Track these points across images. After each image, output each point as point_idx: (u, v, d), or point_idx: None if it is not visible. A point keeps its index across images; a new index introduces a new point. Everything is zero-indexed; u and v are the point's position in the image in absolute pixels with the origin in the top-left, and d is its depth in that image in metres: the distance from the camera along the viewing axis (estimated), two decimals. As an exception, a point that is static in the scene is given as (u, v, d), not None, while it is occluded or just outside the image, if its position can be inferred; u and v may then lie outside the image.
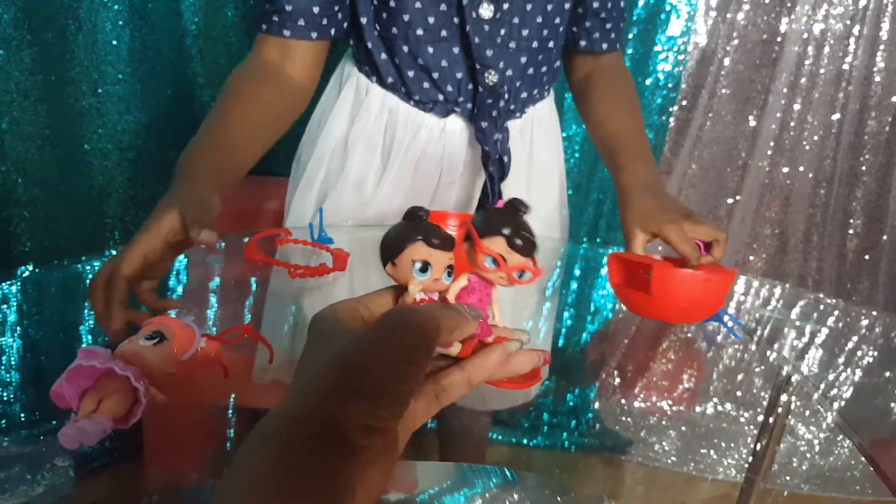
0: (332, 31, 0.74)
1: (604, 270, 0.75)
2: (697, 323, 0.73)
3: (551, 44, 0.81)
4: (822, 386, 0.67)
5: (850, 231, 1.63)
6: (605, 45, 0.84)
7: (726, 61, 1.49)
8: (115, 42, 1.15)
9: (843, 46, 1.51)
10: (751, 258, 1.67)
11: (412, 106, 0.80)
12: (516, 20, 0.75)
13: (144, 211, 1.24)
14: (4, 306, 0.60)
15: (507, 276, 0.31)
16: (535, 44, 0.78)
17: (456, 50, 0.76)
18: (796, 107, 1.54)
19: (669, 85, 1.41)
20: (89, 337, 0.66)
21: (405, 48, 0.76)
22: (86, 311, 0.60)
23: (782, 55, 1.50)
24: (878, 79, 1.52)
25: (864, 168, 1.58)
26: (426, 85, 0.78)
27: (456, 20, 0.74)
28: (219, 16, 1.20)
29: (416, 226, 0.30)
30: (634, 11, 1.35)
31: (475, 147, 0.80)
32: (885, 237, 1.61)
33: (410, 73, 0.77)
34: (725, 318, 0.69)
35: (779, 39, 1.50)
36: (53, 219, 1.18)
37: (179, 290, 0.69)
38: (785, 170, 1.59)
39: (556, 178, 0.92)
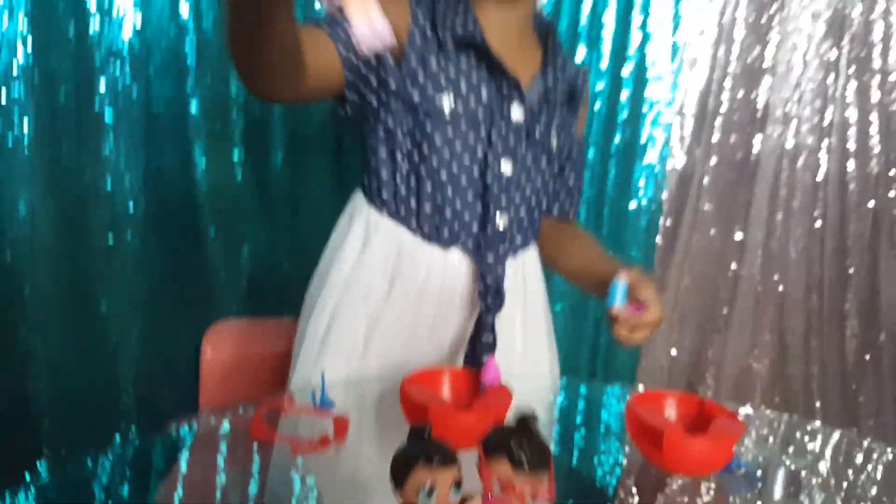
0: (350, 78, 0.80)
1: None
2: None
3: (543, 203, 0.94)
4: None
5: (848, 332, 1.65)
6: (570, 215, 1.01)
7: (706, 180, 1.57)
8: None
9: (816, 158, 1.59)
10: (754, 365, 1.69)
11: (419, 237, 0.87)
12: (524, 180, 0.88)
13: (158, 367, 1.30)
14: None
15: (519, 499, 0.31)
16: (533, 201, 0.91)
17: (470, 196, 0.85)
18: (779, 217, 1.61)
19: (653, 207, 1.48)
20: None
21: (428, 188, 0.84)
22: None
23: (759, 170, 1.58)
24: (852, 186, 1.59)
25: (851, 271, 1.62)
26: (437, 220, 0.86)
27: (476, 172, 0.84)
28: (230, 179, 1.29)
29: (418, 446, 0.32)
30: (612, 143, 1.45)
31: (473, 280, 0.87)
32: (882, 336, 1.63)
33: (427, 209, 0.85)
34: (739, 469, 0.72)
35: (754, 154, 1.59)
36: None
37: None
38: (775, 277, 1.64)
39: (543, 315, 0.99)
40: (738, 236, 1.61)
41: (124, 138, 1.19)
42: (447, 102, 0.82)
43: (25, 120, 1.14)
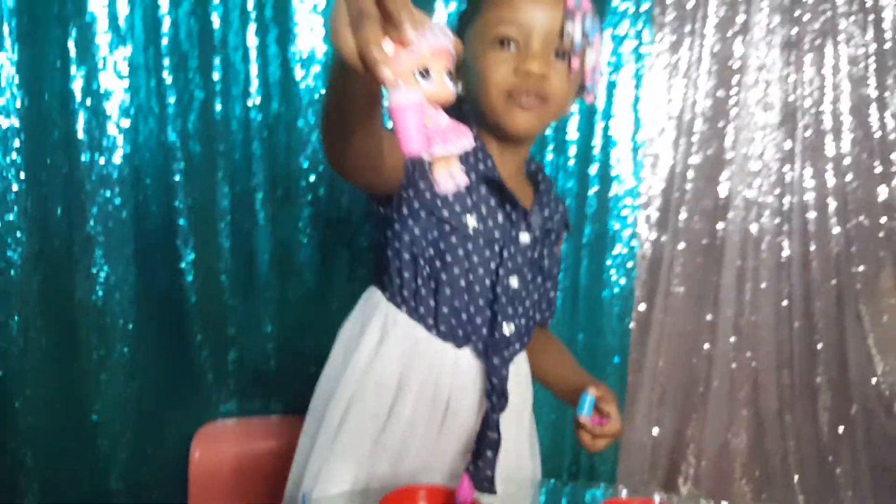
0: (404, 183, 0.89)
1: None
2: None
3: (536, 315, 1.04)
4: None
5: (820, 406, 1.70)
6: (546, 321, 1.10)
7: (675, 265, 1.64)
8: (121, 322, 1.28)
9: (778, 241, 1.67)
10: (732, 441, 1.73)
11: (434, 335, 0.93)
12: (524, 294, 0.98)
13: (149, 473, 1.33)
14: None
15: None
16: (530, 312, 1.00)
17: (482, 302, 0.94)
18: (747, 297, 1.67)
19: (625, 294, 1.55)
20: None
21: (447, 292, 0.92)
22: None
23: (724, 253, 1.65)
24: (815, 264, 1.67)
25: (819, 346, 1.68)
26: (453, 322, 0.93)
27: (489, 282, 0.94)
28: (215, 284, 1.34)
29: None
30: (583, 236, 1.52)
31: (481, 379, 0.94)
32: (854, 408, 1.69)
33: (444, 310, 0.93)
34: None
35: (718, 238, 1.66)
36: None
37: None
38: (748, 354, 1.70)
39: (528, 416, 1.06)
40: (709, 317, 1.67)
41: (115, 255, 1.24)
42: (472, 221, 0.92)
43: (19, 240, 1.19)
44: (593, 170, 1.48)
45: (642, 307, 1.64)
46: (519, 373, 0.99)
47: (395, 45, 0.49)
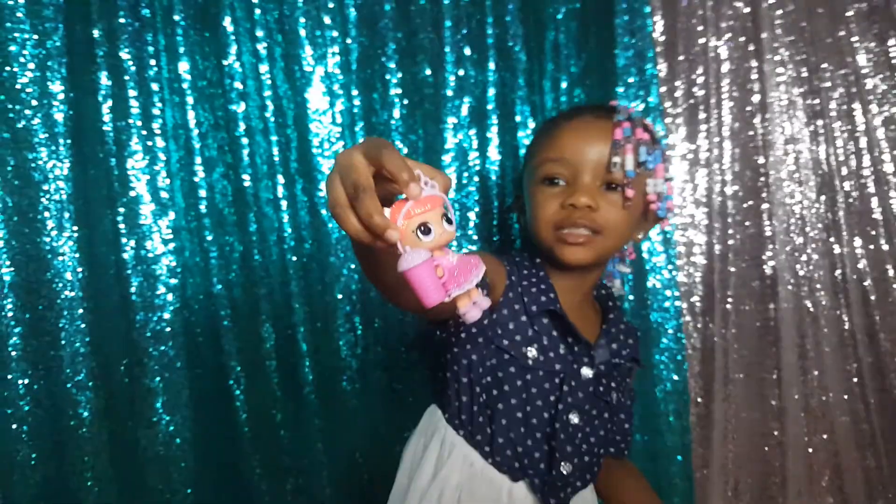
0: None
1: None
2: None
3: (603, 451, 1.01)
4: None
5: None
6: (625, 454, 1.09)
7: (730, 352, 1.58)
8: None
9: (837, 314, 1.59)
10: (823, 532, 1.61)
11: (490, 464, 0.92)
12: (589, 429, 0.95)
13: None
14: None
15: None
16: (596, 448, 0.97)
17: (539, 436, 0.92)
18: (812, 376, 1.59)
19: (679, 389, 1.50)
20: None
21: (503, 422, 0.91)
22: None
23: (781, 334, 1.59)
24: (882, 335, 1.58)
25: (903, 423, 1.57)
26: (508, 453, 0.92)
27: (546, 416, 0.91)
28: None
29: None
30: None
31: None
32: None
33: (500, 440, 0.92)
34: None
35: (772, 318, 1.60)
36: None
37: None
38: (824, 437, 1.60)
39: None
40: (774, 402, 1.60)
41: (172, 404, 1.33)
42: (531, 352, 0.92)
43: (89, 398, 1.29)
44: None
45: (700, 399, 1.58)
46: None
47: (391, 210, 0.54)
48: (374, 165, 0.54)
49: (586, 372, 0.94)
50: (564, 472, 0.91)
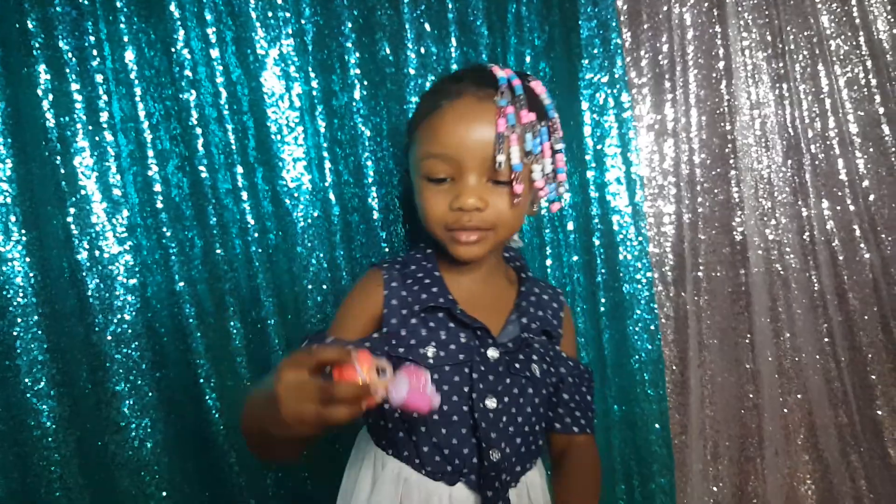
0: None
1: None
2: None
3: (537, 427, 0.97)
4: None
5: (886, 438, 1.61)
6: (575, 429, 1.01)
7: (703, 319, 1.59)
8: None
9: (807, 277, 1.60)
10: (799, 488, 1.64)
11: (424, 476, 0.90)
12: (513, 410, 0.92)
13: None
14: None
15: None
16: (526, 428, 0.94)
17: (464, 431, 0.89)
18: (785, 339, 1.61)
19: (654, 358, 1.50)
20: None
21: (423, 429, 0.89)
22: None
23: (753, 298, 1.60)
24: (851, 294, 1.60)
25: (874, 378, 1.60)
26: (437, 458, 0.90)
27: (465, 408, 0.89)
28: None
29: None
30: (600, 305, 1.49)
31: None
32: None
33: (425, 449, 0.90)
34: None
35: (743, 284, 1.61)
36: None
37: None
38: (798, 396, 1.62)
39: None
40: (749, 365, 1.61)
41: (140, 406, 1.28)
42: (430, 351, 0.90)
43: (52, 407, 1.24)
44: (597, 241, 1.46)
45: (676, 367, 1.59)
46: (530, 494, 0.95)
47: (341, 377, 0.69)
48: (307, 367, 0.68)
49: (492, 353, 0.91)
50: (494, 460, 0.88)
